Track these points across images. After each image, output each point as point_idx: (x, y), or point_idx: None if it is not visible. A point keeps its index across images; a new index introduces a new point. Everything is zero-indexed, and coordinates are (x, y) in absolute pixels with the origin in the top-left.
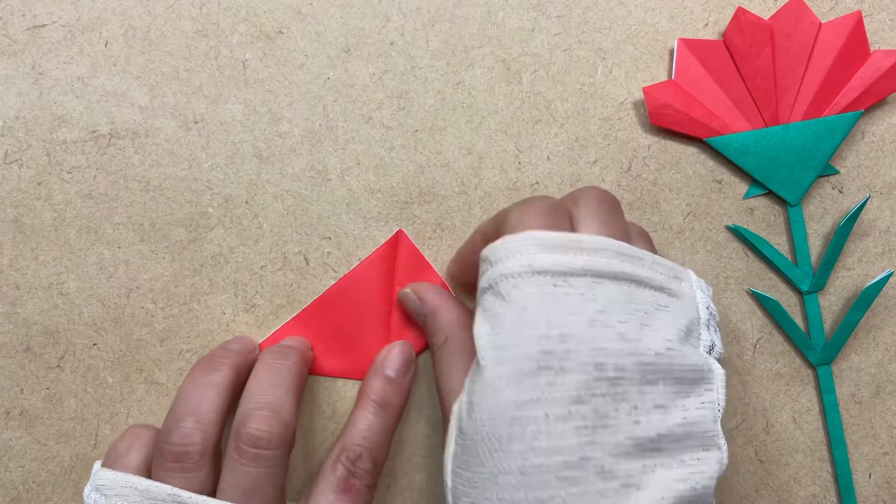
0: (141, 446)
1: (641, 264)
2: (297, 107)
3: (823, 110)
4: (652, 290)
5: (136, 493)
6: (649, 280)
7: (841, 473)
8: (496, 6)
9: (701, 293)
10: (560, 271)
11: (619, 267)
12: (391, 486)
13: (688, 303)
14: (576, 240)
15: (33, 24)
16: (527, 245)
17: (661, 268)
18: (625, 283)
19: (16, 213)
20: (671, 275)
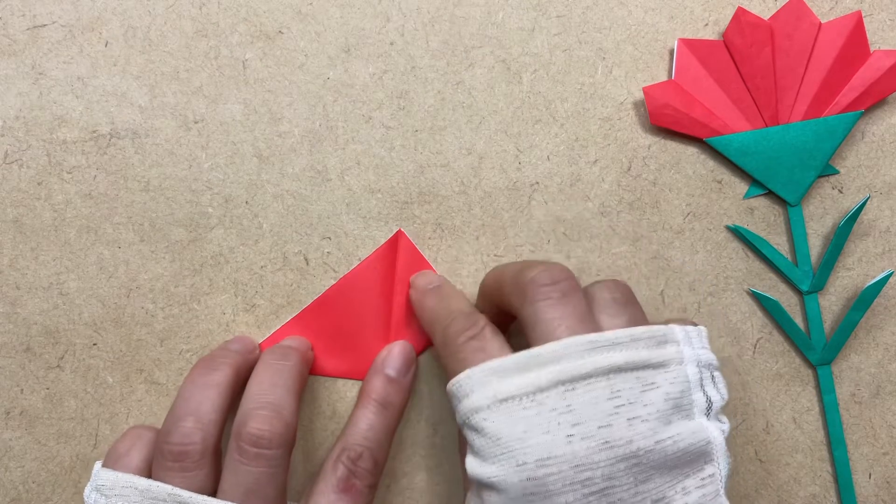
0: (142, 447)
1: (619, 349)
2: (297, 107)
3: (823, 110)
4: (634, 371)
5: (137, 492)
6: (628, 363)
7: (841, 473)
8: (496, 6)
9: (689, 348)
10: (526, 392)
11: (591, 364)
12: (391, 486)
13: (675, 369)
14: (535, 355)
15: (33, 24)
16: (488, 376)
17: (640, 342)
18: (601, 379)
19: (16, 213)
20: (654, 343)
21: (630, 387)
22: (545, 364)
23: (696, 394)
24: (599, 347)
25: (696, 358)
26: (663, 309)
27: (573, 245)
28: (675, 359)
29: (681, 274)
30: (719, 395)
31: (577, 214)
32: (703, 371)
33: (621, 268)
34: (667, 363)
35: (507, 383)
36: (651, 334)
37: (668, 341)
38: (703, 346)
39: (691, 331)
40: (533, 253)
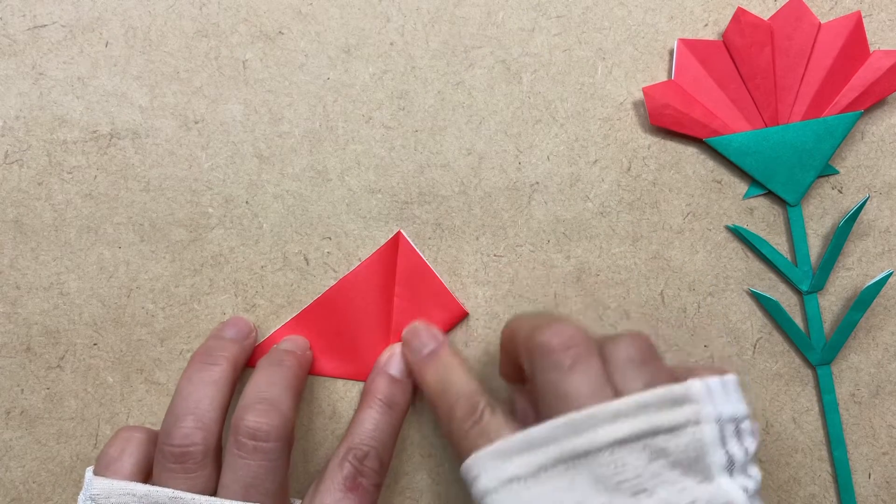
0: (133, 449)
1: (623, 420)
2: (297, 107)
3: (823, 110)
4: (641, 440)
5: (135, 499)
6: (632, 435)
7: (840, 473)
8: (496, 6)
9: (710, 406)
10: (532, 471)
11: (589, 441)
12: (391, 486)
13: (689, 431)
14: (535, 435)
15: (34, 25)
16: (492, 459)
17: (650, 408)
18: (604, 454)
19: (16, 213)
20: (666, 406)
21: (635, 459)
22: (546, 443)
23: (714, 454)
24: (600, 422)
25: (717, 415)
26: (663, 309)
27: (573, 245)
28: (691, 420)
29: (680, 274)
30: (743, 449)
31: (577, 214)
32: (724, 427)
33: (621, 267)
34: (681, 426)
35: (512, 464)
36: (663, 398)
37: (685, 402)
38: (729, 400)
39: (714, 384)
40: (533, 253)
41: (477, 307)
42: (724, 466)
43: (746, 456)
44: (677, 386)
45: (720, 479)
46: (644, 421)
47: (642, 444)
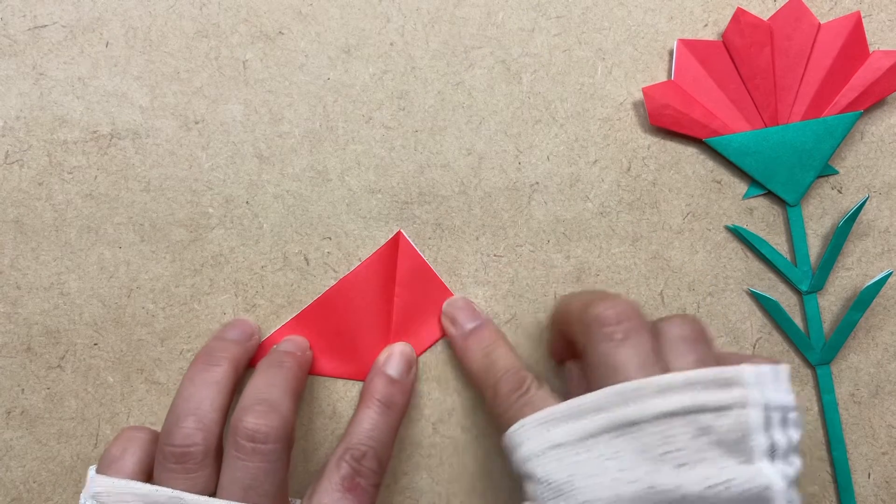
0: (136, 449)
1: (671, 394)
2: (297, 107)
3: (823, 111)
4: (687, 415)
5: (137, 498)
6: (680, 409)
7: (840, 473)
8: (496, 6)
9: (758, 391)
10: (577, 438)
11: (638, 411)
12: (391, 486)
13: (734, 412)
14: (582, 403)
15: (34, 25)
16: (539, 426)
17: (697, 386)
18: (650, 425)
19: (17, 213)
20: (715, 386)
21: (681, 432)
22: (593, 411)
23: (758, 438)
24: (648, 395)
25: (765, 401)
26: (663, 309)
27: (573, 245)
28: (738, 402)
29: (680, 274)
30: (787, 438)
31: (576, 214)
32: (771, 414)
33: (621, 267)
34: (727, 407)
35: (557, 431)
36: (713, 377)
37: (734, 384)
38: (779, 389)
39: (765, 371)
40: (533, 253)
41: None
42: (766, 451)
43: (790, 445)
44: (729, 368)
45: (760, 463)
46: (692, 397)
47: (689, 420)
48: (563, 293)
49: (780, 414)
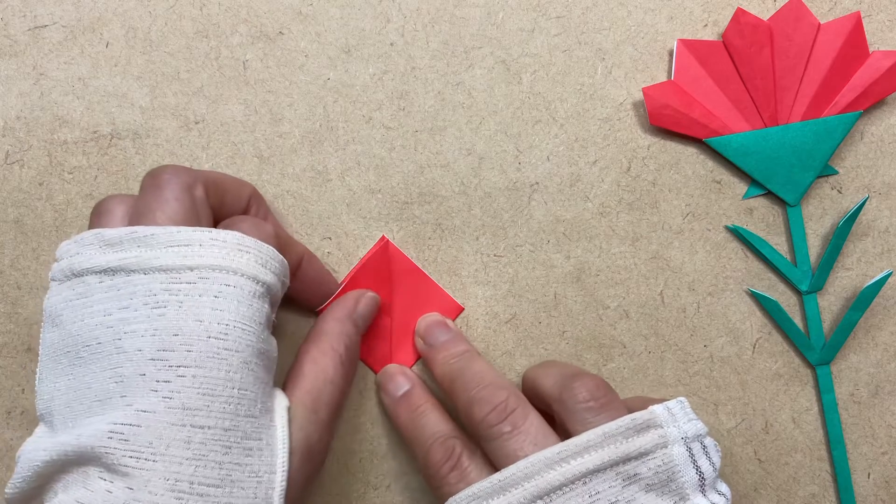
0: (121, 201)
1: (592, 451)
2: (297, 107)
3: (822, 111)
4: (612, 469)
5: (74, 244)
6: (604, 464)
7: (840, 473)
8: (496, 7)
9: (674, 427)
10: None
11: (562, 474)
12: (391, 485)
13: (658, 454)
14: (508, 476)
15: (34, 25)
16: (469, 502)
17: (616, 437)
18: (578, 485)
19: (17, 213)
20: (632, 433)
21: (609, 486)
22: (519, 482)
23: (687, 473)
24: (571, 455)
25: (682, 434)
26: (663, 309)
27: (573, 245)
28: (659, 444)
29: (680, 274)
30: (711, 465)
31: (576, 214)
32: (691, 446)
33: (621, 267)
34: (649, 451)
35: None
36: (628, 425)
37: (650, 427)
38: (689, 419)
39: (673, 406)
40: (533, 253)
41: (477, 307)
42: (697, 485)
43: (714, 471)
44: (640, 413)
45: (694, 499)
46: (613, 450)
47: (614, 473)
48: (563, 294)
49: (699, 443)
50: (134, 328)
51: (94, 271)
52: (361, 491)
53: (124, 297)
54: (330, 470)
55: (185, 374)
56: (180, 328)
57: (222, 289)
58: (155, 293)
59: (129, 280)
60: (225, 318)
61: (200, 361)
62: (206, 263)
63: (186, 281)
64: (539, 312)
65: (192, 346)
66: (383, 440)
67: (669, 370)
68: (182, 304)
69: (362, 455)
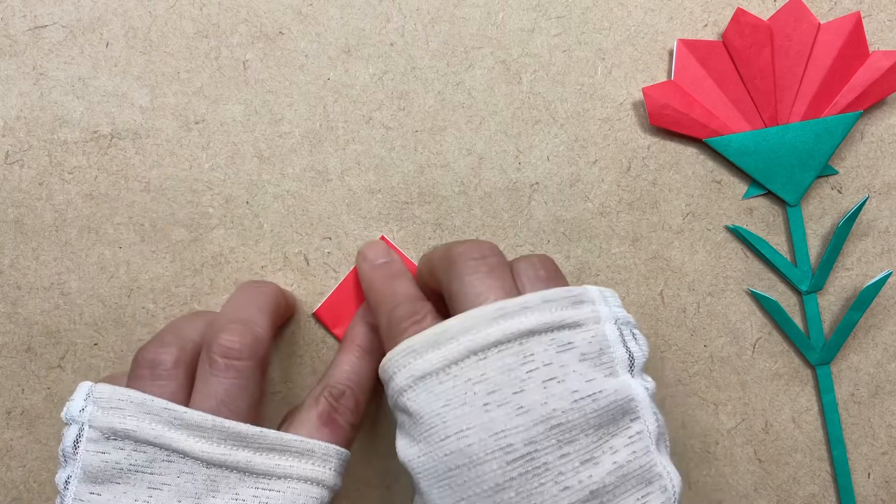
0: (175, 359)
1: (530, 312)
2: (297, 107)
3: (822, 111)
4: (549, 333)
5: (132, 405)
6: (540, 326)
7: (840, 473)
8: (496, 7)
9: (606, 307)
10: (441, 366)
11: (500, 330)
12: (391, 485)
13: (591, 328)
14: (446, 329)
15: (34, 25)
16: (407, 356)
17: (553, 304)
18: (514, 345)
19: (17, 213)
20: (568, 303)
21: (544, 349)
22: (456, 336)
23: (617, 350)
24: (509, 313)
25: (614, 316)
26: (663, 309)
27: (573, 245)
28: (592, 318)
29: (680, 274)
30: (641, 350)
31: (576, 214)
32: (622, 328)
33: (621, 267)
34: (583, 322)
35: (423, 360)
36: (565, 295)
37: (584, 301)
38: (619, 306)
39: (606, 291)
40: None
41: None
42: (626, 364)
43: (643, 358)
44: (576, 287)
45: (623, 376)
46: (549, 315)
47: (549, 338)
48: None
49: (629, 328)
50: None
51: (162, 447)
52: (361, 491)
53: (204, 491)
54: None
55: None
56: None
57: (307, 501)
58: (243, 497)
59: (208, 473)
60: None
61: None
62: (296, 474)
63: (276, 489)
64: None
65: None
66: (383, 440)
67: (669, 370)
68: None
69: (362, 455)
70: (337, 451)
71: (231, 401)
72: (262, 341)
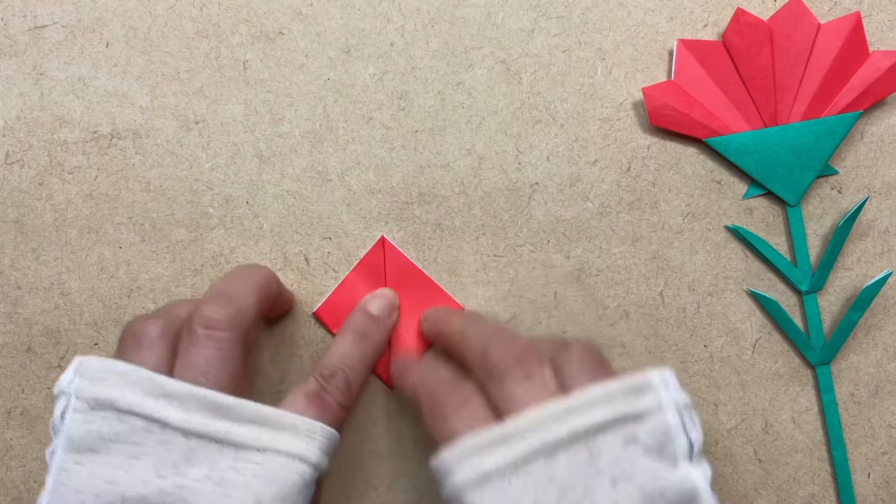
0: (160, 330)
1: (595, 408)
2: (297, 107)
3: (822, 111)
4: (613, 429)
5: (115, 375)
6: (606, 422)
7: (840, 473)
8: (496, 7)
9: (667, 393)
10: (509, 466)
11: (568, 428)
12: (391, 485)
13: (654, 417)
14: (514, 427)
15: (34, 25)
16: (470, 452)
17: (615, 397)
18: (581, 443)
19: (17, 213)
20: (630, 395)
21: (610, 446)
22: (524, 435)
23: (678, 439)
24: (575, 411)
25: (675, 401)
26: (663, 309)
27: (573, 245)
28: (654, 407)
29: (680, 274)
30: (698, 435)
31: (576, 214)
32: (683, 414)
33: (621, 267)
34: (646, 413)
35: (489, 458)
36: (627, 386)
37: (645, 390)
38: (678, 388)
39: (666, 373)
40: (533, 253)
41: (477, 307)
42: (687, 452)
43: (700, 444)
44: (637, 376)
45: (685, 465)
46: (613, 409)
47: (615, 432)
48: (563, 294)
49: (688, 413)
50: (192, 501)
51: (143, 416)
52: (361, 491)
53: (181, 461)
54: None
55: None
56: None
57: (288, 476)
58: (220, 468)
59: (186, 444)
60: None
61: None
62: (276, 448)
63: (255, 461)
64: (539, 312)
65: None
66: (383, 440)
67: None
68: (249, 486)
69: (362, 455)
70: (323, 429)
71: (211, 371)
72: (245, 313)
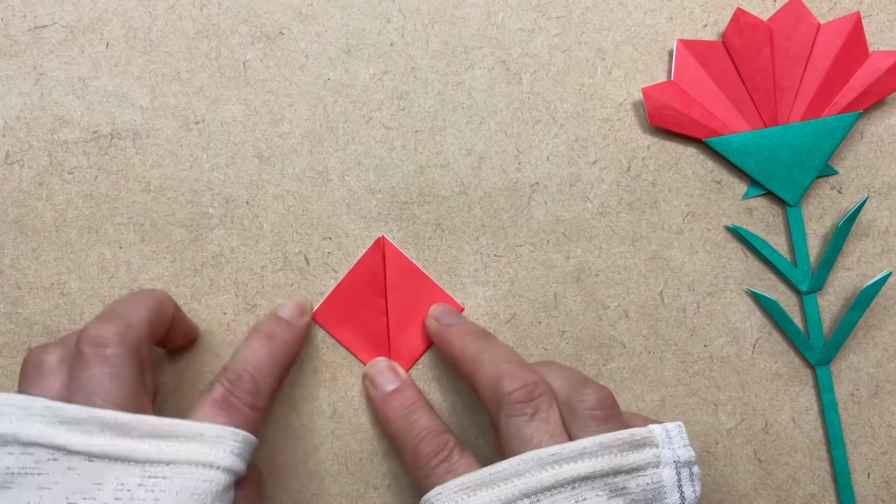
0: (57, 358)
1: (586, 458)
2: (297, 107)
3: (822, 111)
4: (603, 478)
5: (16, 409)
6: (595, 472)
7: (840, 473)
8: (496, 7)
9: (669, 449)
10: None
11: (553, 476)
12: (391, 485)
13: (649, 473)
14: (500, 470)
15: (34, 25)
16: (457, 493)
17: (611, 449)
18: (566, 490)
19: (17, 213)
20: (627, 448)
21: (596, 495)
22: (510, 478)
23: (671, 496)
24: (564, 459)
25: (675, 458)
26: (663, 309)
27: (573, 245)
28: (651, 462)
29: (680, 274)
30: (694, 493)
31: (576, 214)
32: (681, 470)
33: (621, 267)
34: (641, 467)
35: (476, 498)
36: (625, 439)
37: (645, 445)
38: (684, 444)
39: (672, 428)
40: (533, 253)
41: (477, 307)
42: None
43: (695, 500)
44: (640, 429)
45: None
46: (606, 461)
47: (603, 483)
48: (563, 294)
49: (687, 469)
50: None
51: (46, 446)
52: (361, 491)
53: (90, 485)
54: (330, 470)
55: None
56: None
57: (199, 485)
58: (128, 487)
59: (92, 467)
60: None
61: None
62: (184, 459)
63: (163, 476)
64: (539, 312)
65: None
66: (383, 440)
67: (669, 370)
68: (158, 501)
69: (362, 455)
70: (233, 433)
71: (103, 391)
72: (134, 328)
